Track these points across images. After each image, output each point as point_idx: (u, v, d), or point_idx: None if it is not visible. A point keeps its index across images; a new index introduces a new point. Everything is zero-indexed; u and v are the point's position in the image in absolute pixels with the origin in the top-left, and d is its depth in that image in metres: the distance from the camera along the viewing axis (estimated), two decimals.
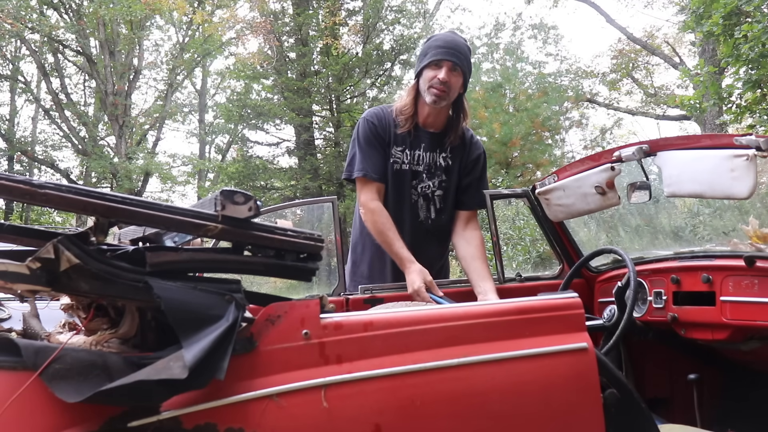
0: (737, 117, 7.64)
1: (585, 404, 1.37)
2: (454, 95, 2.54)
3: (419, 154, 2.61)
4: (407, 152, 2.60)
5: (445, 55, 2.47)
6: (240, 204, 1.22)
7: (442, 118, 2.61)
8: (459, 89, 2.55)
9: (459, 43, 2.53)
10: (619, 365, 2.59)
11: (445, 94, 2.49)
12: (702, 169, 2.19)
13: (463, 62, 2.50)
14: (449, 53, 2.48)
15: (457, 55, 2.49)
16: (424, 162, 2.61)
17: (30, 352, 1.07)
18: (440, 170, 2.63)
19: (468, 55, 2.56)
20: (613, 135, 19.89)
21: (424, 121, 2.61)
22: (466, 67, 2.54)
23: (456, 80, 2.50)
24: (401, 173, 2.59)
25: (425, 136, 2.61)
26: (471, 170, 2.66)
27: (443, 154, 2.63)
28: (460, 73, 2.51)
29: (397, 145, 2.60)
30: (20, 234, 1.26)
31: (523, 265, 7.99)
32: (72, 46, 17.83)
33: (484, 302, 1.42)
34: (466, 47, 2.55)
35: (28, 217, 19.00)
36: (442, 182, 2.62)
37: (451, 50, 2.49)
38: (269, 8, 16.48)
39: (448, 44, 2.50)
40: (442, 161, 2.63)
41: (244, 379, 1.17)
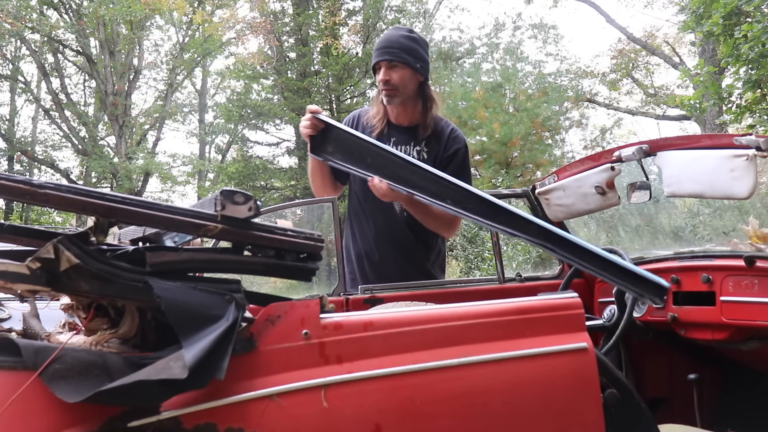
0: (737, 117, 7.64)
1: (585, 404, 1.37)
2: (408, 88, 2.51)
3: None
4: None
5: (379, 56, 2.49)
6: (240, 204, 1.22)
7: (410, 112, 2.59)
8: (412, 79, 2.52)
9: (393, 38, 2.52)
10: (619, 365, 2.59)
11: (394, 92, 2.49)
12: (702, 169, 2.19)
13: (399, 54, 2.48)
14: (382, 53, 2.49)
15: (391, 51, 2.47)
16: None
17: (30, 352, 1.07)
18: None
19: (408, 44, 2.51)
20: (613, 135, 19.90)
21: (395, 118, 2.61)
22: (408, 55, 2.49)
23: (398, 74, 2.48)
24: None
25: (396, 130, 2.60)
26: (447, 165, 2.57)
27: (417, 147, 2.60)
28: (401, 64, 2.48)
29: None
30: (20, 234, 1.26)
31: (523, 265, 8.00)
32: (72, 46, 17.83)
33: (484, 302, 1.42)
34: (404, 38, 2.52)
35: (28, 217, 18.99)
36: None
37: (383, 49, 2.49)
38: (269, 8, 16.49)
39: (382, 44, 2.52)
40: (416, 154, 2.59)
41: (244, 379, 1.17)
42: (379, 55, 2.51)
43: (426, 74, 2.57)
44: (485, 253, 9.13)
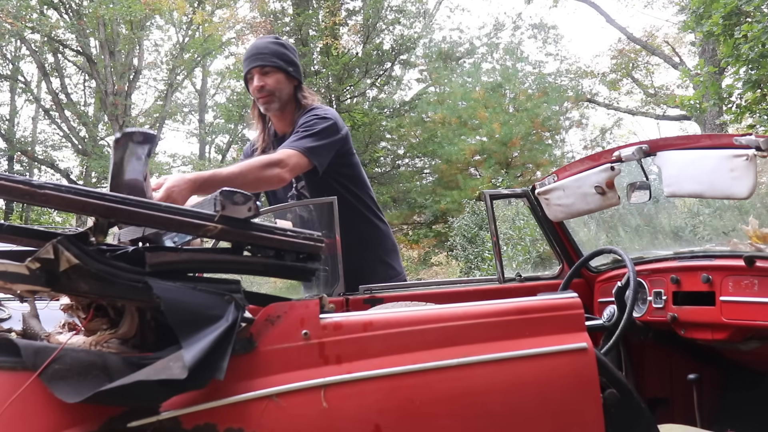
0: (737, 117, 7.64)
1: (585, 404, 1.36)
2: (284, 93, 2.49)
3: None
4: None
5: (249, 64, 2.48)
6: (240, 204, 1.22)
7: (290, 118, 2.55)
8: (287, 83, 2.49)
9: (260, 45, 2.50)
10: (619, 365, 2.59)
11: (271, 97, 2.47)
12: (702, 169, 2.19)
13: (270, 59, 2.46)
14: (251, 60, 2.47)
15: (260, 56, 2.46)
16: None
17: (30, 353, 1.07)
18: None
19: (276, 48, 2.49)
20: (613, 135, 19.92)
21: (278, 128, 2.58)
22: (279, 59, 2.47)
23: (272, 79, 2.46)
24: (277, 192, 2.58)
25: (280, 141, 2.52)
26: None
27: None
28: (274, 69, 2.46)
29: None
30: (20, 234, 1.26)
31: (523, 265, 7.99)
32: (72, 46, 17.83)
33: (484, 302, 1.42)
34: (271, 44, 2.50)
35: (28, 217, 19.00)
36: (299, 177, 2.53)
37: (252, 57, 2.48)
38: (269, 8, 16.49)
39: (250, 52, 2.50)
40: None
41: (244, 379, 1.17)
42: (249, 63, 2.47)
43: (300, 78, 2.54)
44: (485, 253, 9.13)
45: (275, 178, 2.24)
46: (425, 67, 18.25)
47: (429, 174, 16.66)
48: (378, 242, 2.70)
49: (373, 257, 2.68)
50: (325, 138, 2.40)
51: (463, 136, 14.80)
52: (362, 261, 2.58)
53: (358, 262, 2.53)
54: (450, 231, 11.75)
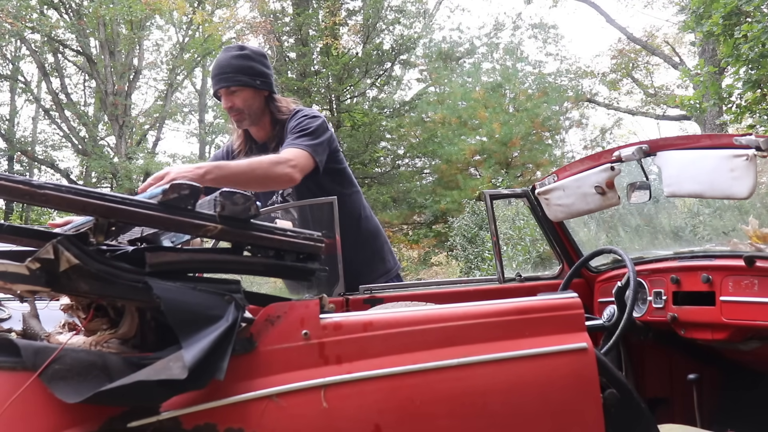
0: (737, 117, 7.64)
1: (585, 404, 1.37)
2: (254, 107, 2.47)
3: None
4: None
5: (215, 84, 2.45)
6: (239, 204, 1.22)
7: (267, 127, 2.54)
8: (256, 97, 2.46)
9: (223, 62, 2.44)
10: (619, 365, 2.59)
11: (241, 115, 2.46)
12: (702, 169, 2.19)
13: (234, 78, 2.41)
14: (216, 81, 2.44)
15: (224, 76, 2.41)
16: None
17: (30, 353, 1.07)
18: None
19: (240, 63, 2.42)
20: (613, 135, 19.91)
21: (257, 137, 2.58)
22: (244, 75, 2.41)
23: (240, 97, 2.43)
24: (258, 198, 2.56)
25: (260, 149, 2.53)
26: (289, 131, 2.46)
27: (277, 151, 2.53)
28: (240, 88, 2.42)
29: None
30: (20, 234, 1.26)
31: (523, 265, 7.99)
32: (72, 46, 17.83)
33: (484, 302, 1.42)
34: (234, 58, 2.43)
35: (28, 217, 19.00)
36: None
37: (216, 77, 2.44)
38: (269, 8, 16.48)
39: (215, 71, 2.46)
40: None
41: (244, 379, 1.17)
42: (215, 83, 2.45)
43: (270, 87, 2.50)
44: (485, 253, 9.13)
45: (285, 177, 2.20)
46: (425, 67, 18.25)
47: (429, 174, 16.66)
48: (371, 237, 2.70)
49: (368, 253, 2.67)
50: (321, 136, 2.40)
51: (463, 136, 14.80)
52: (357, 257, 2.57)
53: (354, 259, 2.52)
54: (450, 231, 11.75)
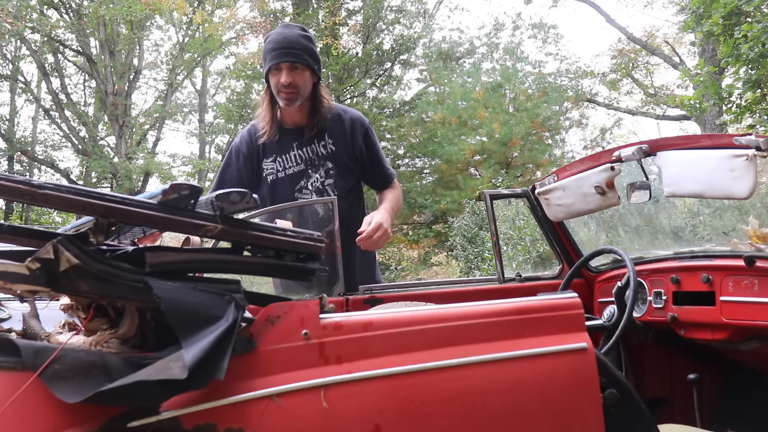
0: (737, 117, 7.63)
1: (585, 404, 1.37)
2: (307, 90, 2.49)
3: (294, 154, 2.57)
4: (279, 159, 2.57)
5: (280, 57, 2.42)
6: (237, 203, 1.22)
7: (306, 111, 2.56)
8: (311, 81, 2.49)
9: (292, 38, 2.45)
10: (619, 365, 2.59)
11: (295, 94, 2.46)
12: (702, 169, 2.19)
13: (301, 57, 2.43)
14: (284, 53, 2.42)
15: (293, 52, 2.42)
16: (303, 159, 2.57)
17: (30, 353, 1.07)
18: (324, 159, 2.57)
19: (306, 44, 2.47)
20: (613, 135, 19.89)
21: (292, 120, 2.57)
22: (308, 58, 2.46)
23: (300, 77, 2.45)
24: (278, 183, 2.57)
25: (295, 134, 2.56)
26: (365, 148, 2.60)
27: (323, 142, 2.57)
28: (303, 67, 2.45)
29: (266, 158, 2.58)
30: (20, 234, 1.26)
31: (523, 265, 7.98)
32: (72, 46, 17.82)
33: (484, 302, 1.42)
34: (302, 38, 2.47)
35: (28, 217, 18.99)
36: (329, 170, 2.57)
37: (285, 50, 2.42)
38: (269, 8, 16.48)
39: (281, 44, 2.44)
40: (323, 149, 2.57)
41: (244, 379, 1.17)
42: (280, 56, 2.42)
43: (320, 75, 2.54)
44: (485, 253, 9.12)
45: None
46: (425, 67, 18.24)
47: (429, 174, 16.65)
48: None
49: (370, 255, 2.72)
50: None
51: (463, 136, 14.79)
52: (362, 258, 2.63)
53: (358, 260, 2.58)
54: (450, 231, 11.74)
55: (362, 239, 2.32)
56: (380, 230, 2.33)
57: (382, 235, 2.34)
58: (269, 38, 2.50)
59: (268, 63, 2.46)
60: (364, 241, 2.32)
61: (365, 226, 2.34)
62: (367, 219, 2.40)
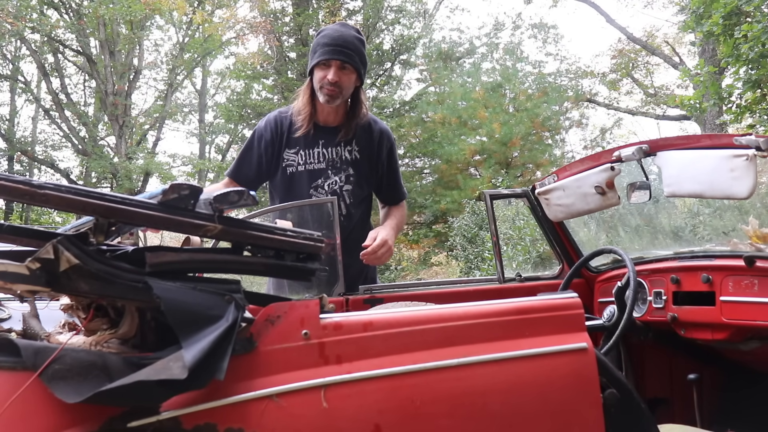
0: (737, 117, 7.63)
1: (585, 404, 1.37)
2: (349, 92, 2.49)
3: (318, 151, 2.56)
4: (302, 153, 2.56)
5: (332, 54, 2.40)
6: (235, 202, 1.22)
7: (341, 112, 2.56)
8: (354, 84, 2.49)
9: (347, 38, 2.44)
10: (619, 365, 2.59)
11: (337, 93, 2.44)
12: (702, 169, 2.19)
13: (353, 58, 2.43)
14: (336, 51, 2.40)
15: (346, 52, 2.41)
16: (325, 158, 2.56)
17: (30, 353, 1.07)
18: (346, 164, 2.57)
19: (359, 47, 2.47)
20: (613, 135, 19.89)
21: (325, 118, 2.56)
22: (358, 61, 2.45)
23: (347, 78, 2.44)
24: (296, 176, 2.55)
25: (324, 132, 2.56)
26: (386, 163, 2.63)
27: (348, 147, 2.57)
28: (352, 69, 2.44)
29: (289, 148, 2.57)
30: (20, 234, 1.26)
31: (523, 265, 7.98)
32: (72, 46, 17.82)
33: (484, 302, 1.42)
34: (356, 39, 2.47)
35: (28, 217, 18.99)
36: (350, 176, 2.57)
37: (338, 47, 2.41)
38: (269, 8, 16.47)
39: (336, 41, 2.42)
40: (348, 155, 2.56)
41: (244, 379, 1.17)
42: (333, 53, 2.41)
43: (363, 79, 2.54)
44: (485, 253, 9.12)
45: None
46: (425, 67, 18.24)
47: (429, 174, 16.65)
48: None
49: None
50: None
51: (463, 136, 14.79)
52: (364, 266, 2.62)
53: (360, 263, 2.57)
54: (450, 231, 11.74)
55: (366, 254, 2.32)
56: (384, 247, 2.35)
57: (386, 252, 2.36)
58: (323, 32, 2.49)
59: (319, 57, 2.44)
60: (368, 256, 2.33)
61: (370, 241, 2.35)
62: (372, 234, 2.39)
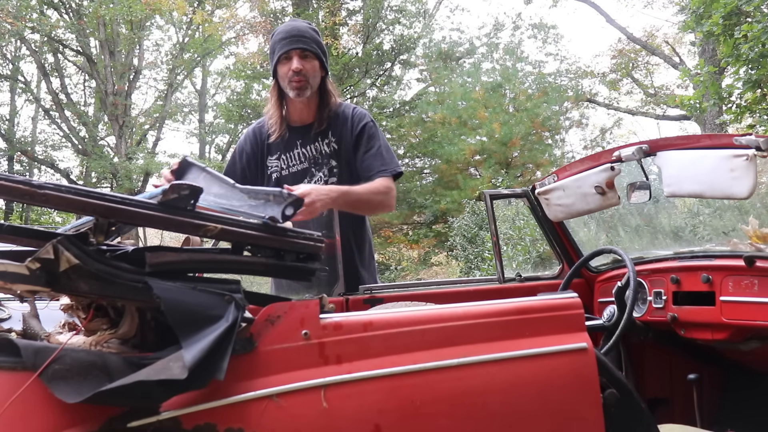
0: (737, 117, 7.64)
1: (585, 404, 1.37)
2: (315, 81, 2.47)
3: (298, 152, 2.54)
4: (283, 157, 2.55)
5: (290, 44, 2.41)
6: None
7: (313, 107, 2.53)
8: (319, 72, 2.48)
9: (301, 28, 2.46)
10: (619, 365, 2.59)
11: (305, 83, 2.43)
12: (702, 169, 2.19)
13: (311, 45, 2.43)
14: (292, 41, 2.41)
15: (303, 40, 2.42)
16: (307, 158, 2.55)
17: (30, 353, 1.07)
18: (327, 157, 2.54)
19: (315, 35, 2.47)
20: (613, 135, 19.89)
21: (298, 116, 2.55)
22: (317, 48, 2.46)
23: (310, 65, 2.43)
24: (281, 181, 2.53)
25: (299, 132, 2.54)
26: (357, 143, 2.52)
27: (326, 140, 2.54)
28: (313, 56, 2.44)
29: (271, 155, 2.57)
30: (20, 234, 1.26)
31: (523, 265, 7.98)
32: (72, 46, 17.81)
33: (484, 302, 1.42)
34: (310, 30, 2.48)
35: (28, 217, 18.99)
36: (332, 169, 2.54)
37: (294, 37, 2.42)
38: (269, 8, 16.48)
39: (290, 33, 2.44)
40: (326, 147, 2.54)
41: (244, 379, 1.17)
42: (290, 43, 2.41)
43: (327, 70, 2.53)
44: (485, 253, 9.12)
45: (390, 207, 2.47)
46: (425, 67, 18.24)
47: (429, 174, 16.65)
48: (369, 241, 2.73)
49: (368, 256, 2.70)
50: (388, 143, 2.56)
51: (463, 136, 14.79)
52: (360, 259, 2.61)
53: (357, 261, 2.57)
54: (450, 231, 11.74)
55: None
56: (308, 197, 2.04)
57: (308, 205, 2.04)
58: (277, 31, 2.50)
59: (278, 52, 2.44)
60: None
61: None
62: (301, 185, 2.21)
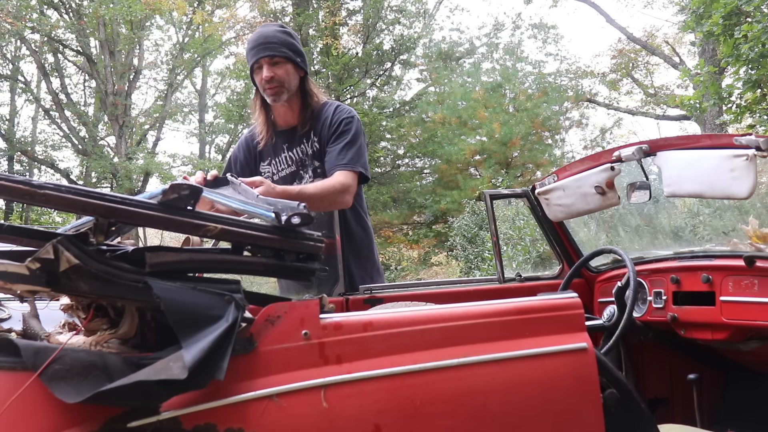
0: (737, 117, 7.64)
1: (585, 404, 1.36)
2: (292, 83, 2.46)
3: (285, 156, 2.55)
4: (273, 162, 2.56)
5: (258, 53, 2.42)
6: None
7: (296, 109, 2.53)
8: (295, 74, 2.47)
9: (268, 34, 2.45)
10: (619, 365, 2.59)
11: (280, 88, 2.43)
12: (702, 169, 2.20)
13: (279, 50, 2.42)
14: (261, 49, 2.42)
15: (270, 46, 2.41)
16: (294, 160, 2.55)
17: (30, 353, 1.07)
18: (311, 158, 2.54)
19: (285, 38, 2.46)
20: (613, 135, 19.90)
21: (284, 120, 2.55)
22: (287, 51, 2.44)
23: (282, 71, 2.43)
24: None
25: (285, 135, 2.55)
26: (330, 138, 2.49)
27: (309, 141, 2.54)
28: (284, 60, 2.43)
29: (263, 161, 2.57)
30: (20, 234, 1.26)
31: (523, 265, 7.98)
32: (72, 46, 17.81)
33: (484, 302, 1.42)
34: (279, 33, 2.47)
35: (28, 217, 18.99)
36: (317, 169, 2.54)
37: (261, 45, 2.42)
38: (269, 8, 16.49)
39: (257, 41, 2.44)
40: (311, 148, 2.54)
41: (244, 379, 1.17)
42: (258, 52, 2.42)
43: (306, 68, 2.52)
44: (485, 253, 9.13)
45: (345, 204, 2.40)
46: (425, 67, 18.25)
47: (429, 174, 16.66)
48: (370, 242, 2.72)
49: (368, 258, 2.69)
50: (363, 143, 2.49)
51: (463, 136, 14.80)
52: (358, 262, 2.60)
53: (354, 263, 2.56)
54: (450, 231, 11.75)
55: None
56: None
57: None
58: (249, 40, 2.52)
59: (250, 62, 2.47)
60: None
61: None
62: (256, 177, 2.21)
